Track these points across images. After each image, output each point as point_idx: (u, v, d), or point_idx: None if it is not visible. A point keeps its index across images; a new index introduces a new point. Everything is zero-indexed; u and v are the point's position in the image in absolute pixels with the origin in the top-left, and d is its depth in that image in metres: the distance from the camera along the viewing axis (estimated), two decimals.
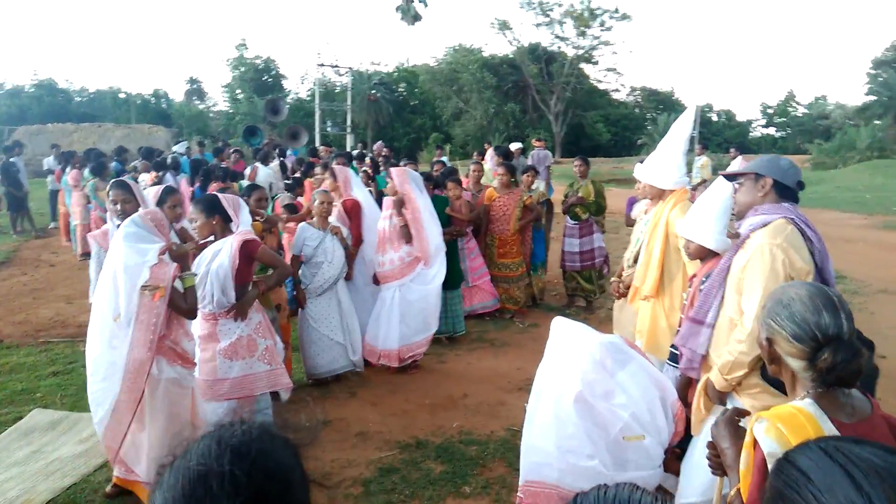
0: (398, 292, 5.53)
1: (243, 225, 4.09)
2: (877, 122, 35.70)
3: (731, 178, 2.89)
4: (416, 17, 51.18)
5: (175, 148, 15.32)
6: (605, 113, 44.25)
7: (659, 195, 3.80)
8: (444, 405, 4.99)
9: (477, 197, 6.97)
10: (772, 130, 51.27)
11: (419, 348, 5.63)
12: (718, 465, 1.67)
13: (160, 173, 9.44)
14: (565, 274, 7.48)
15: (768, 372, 2.43)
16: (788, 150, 43.25)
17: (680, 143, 3.91)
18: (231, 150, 12.71)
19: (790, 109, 51.16)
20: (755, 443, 1.45)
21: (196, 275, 3.66)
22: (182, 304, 3.41)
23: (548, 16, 40.25)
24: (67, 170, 11.26)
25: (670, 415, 3.10)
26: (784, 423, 1.44)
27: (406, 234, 5.44)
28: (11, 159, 12.54)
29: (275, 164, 11.68)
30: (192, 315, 3.53)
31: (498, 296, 7.02)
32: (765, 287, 2.47)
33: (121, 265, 3.34)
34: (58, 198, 12.30)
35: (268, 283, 4.15)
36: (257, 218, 4.92)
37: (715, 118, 50.70)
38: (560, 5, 39.77)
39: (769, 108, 52.75)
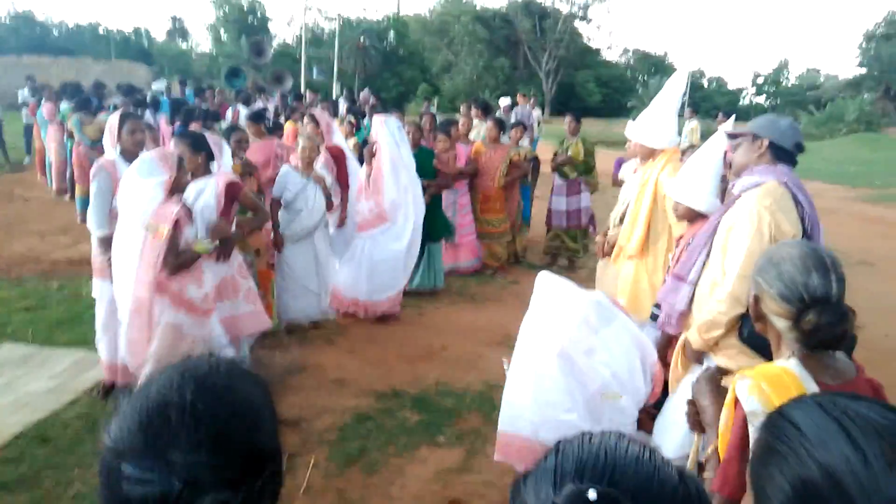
0: (368, 244, 5.46)
1: (224, 167, 4.00)
2: (866, 95, 35.78)
3: (732, 136, 2.83)
4: None
5: (154, 86, 14.90)
6: (596, 73, 43.79)
7: (649, 154, 3.74)
8: (423, 357, 4.99)
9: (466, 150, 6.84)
10: (762, 99, 51.17)
11: (382, 305, 5.55)
12: (697, 423, 1.66)
13: (139, 111, 9.17)
14: (549, 232, 7.44)
15: (753, 330, 2.45)
16: None
17: (672, 103, 3.84)
18: (216, 91, 12.38)
19: (782, 79, 51.04)
20: (736, 401, 1.43)
21: (213, 246, 3.64)
22: (171, 258, 3.39)
23: None
24: (42, 103, 10.89)
25: (648, 375, 3.11)
26: (768, 381, 1.42)
27: (370, 185, 5.37)
28: None
29: (257, 105, 11.43)
30: (171, 271, 3.44)
31: (481, 255, 6.97)
32: (748, 248, 2.45)
33: (129, 202, 3.44)
34: (33, 132, 11.93)
35: (250, 225, 4.12)
36: (236, 160, 4.80)
37: (706, 84, 50.46)
38: None
39: (760, 76, 52.59)
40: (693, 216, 3.28)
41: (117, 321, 3.87)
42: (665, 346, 3.25)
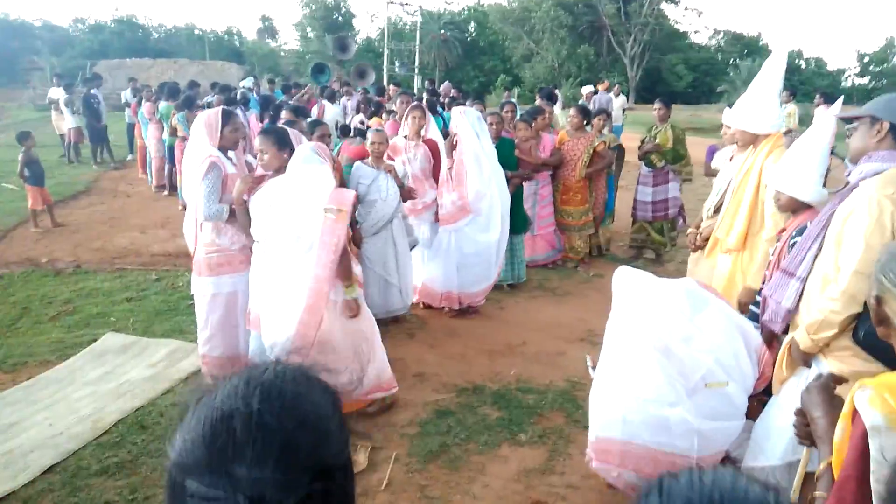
0: (454, 237, 5.41)
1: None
2: None
3: (847, 121, 2.58)
4: None
5: (242, 83, 15.43)
6: (684, 57, 42.03)
7: (751, 141, 3.49)
8: (503, 352, 4.91)
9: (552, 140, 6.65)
10: (865, 81, 47.66)
11: (476, 297, 5.53)
12: (807, 435, 1.50)
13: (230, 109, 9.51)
14: (634, 224, 7.18)
15: (871, 331, 2.22)
16: None
17: (773, 86, 3.57)
18: (305, 88, 12.67)
19: (888, 59, 47.33)
20: (855, 414, 1.27)
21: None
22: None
23: None
24: (143, 103, 11.48)
25: (755, 358, 2.92)
26: (892, 393, 1.26)
27: (453, 177, 5.30)
28: (92, 91, 12.87)
29: (344, 101, 11.63)
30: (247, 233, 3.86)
31: (558, 246, 6.81)
32: (867, 242, 2.24)
33: (302, 189, 3.58)
34: (134, 131, 12.62)
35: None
36: None
37: (804, 66, 47.52)
38: None
39: (865, 56, 48.97)
40: (797, 207, 3.05)
41: (236, 315, 4.10)
42: (767, 345, 3.04)
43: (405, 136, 5.45)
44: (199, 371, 4.36)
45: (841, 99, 3.10)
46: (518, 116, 6.70)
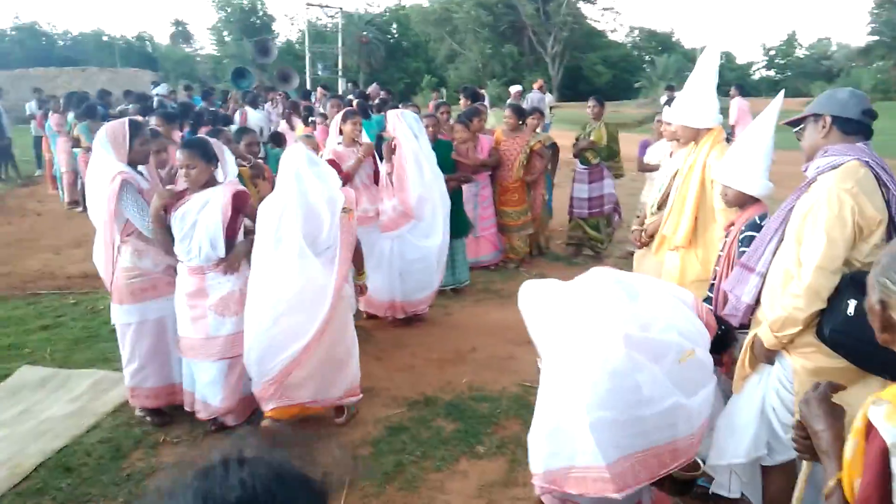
0: (395, 245, 5.24)
1: (230, 174, 3.76)
2: (879, 62, 35.05)
3: (794, 124, 2.59)
4: None
5: (155, 91, 14.71)
6: (603, 55, 43.17)
7: (693, 136, 3.49)
8: (452, 360, 4.78)
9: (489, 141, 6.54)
10: (773, 73, 50.27)
11: (420, 304, 5.39)
12: (808, 449, 1.43)
13: (146, 118, 9.00)
14: (571, 221, 7.20)
15: (837, 327, 2.22)
16: (788, 92, 42.47)
17: (710, 81, 3.57)
18: (229, 96, 12.15)
19: (792, 51, 50.08)
20: (869, 429, 1.20)
21: None
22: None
23: None
24: (49, 114, 10.76)
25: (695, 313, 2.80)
26: None
27: (393, 183, 5.15)
28: None
29: (268, 107, 11.24)
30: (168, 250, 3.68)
31: (500, 248, 6.74)
32: (829, 236, 2.23)
33: (318, 194, 3.58)
34: (42, 144, 11.81)
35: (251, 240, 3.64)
36: (244, 164, 4.59)
37: None
38: None
39: (770, 49, 51.66)
40: (744, 201, 3.04)
41: (167, 342, 3.84)
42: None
43: (339, 143, 5.23)
44: (126, 403, 4.03)
45: (782, 93, 3.10)
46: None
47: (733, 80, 39.29)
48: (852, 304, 2.19)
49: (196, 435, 3.78)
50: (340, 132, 5.19)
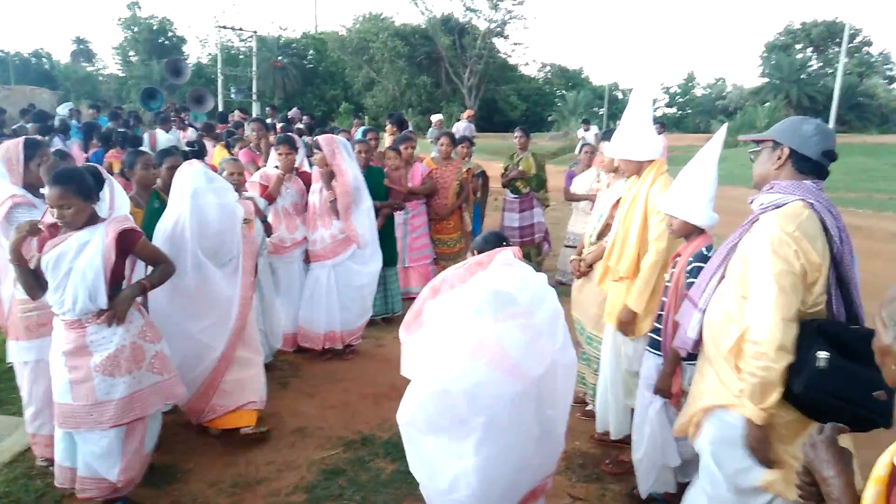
0: (333, 273, 5.03)
1: (118, 209, 3.22)
2: (767, 103, 37.78)
3: (754, 142, 2.54)
4: None
5: (59, 110, 13.82)
6: (517, 88, 44.46)
7: (635, 170, 3.49)
8: (389, 395, 4.56)
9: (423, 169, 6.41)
10: (674, 110, 53.32)
11: (358, 332, 5.24)
12: (814, 496, 1.36)
13: (46, 137, 8.36)
14: None
15: (812, 382, 2.08)
16: (689, 128, 45.14)
17: (646, 114, 3.60)
18: (138, 117, 11.48)
19: (690, 90, 53.35)
20: (894, 475, 1.14)
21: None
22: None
23: None
24: None
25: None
26: None
27: (336, 210, 4.95)
28: None
29: (178, 134, 10.72)
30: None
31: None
32: (778, 285, 2.14)
33: (213, 205, 3.61)
34: None
35: (152, 281, 3.19)
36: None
37: (621, 96, 52.13)
38: None
39: (670, 88, 54.83)
40: (690, 231, 3.05)
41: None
42: (669, 374, 3.00)
43: (275, 167, 5.03)
44: (27, 451, 3.59)
45: (725, 126, 3.15)
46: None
47: None
48: (822, 356, 2.07)
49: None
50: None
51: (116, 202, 3.26)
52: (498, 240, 2.78)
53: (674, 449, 3.14)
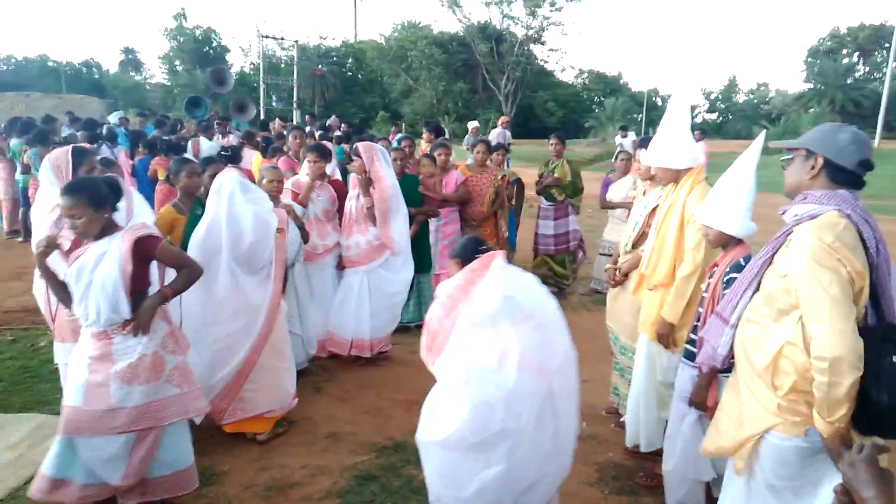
0: (366, 279, 5.09)
1: (137, 217, 3.30)
2: (812, 109, 36.89)
3: (786, 150, 2.46)
4: None
5: (109, 118, 14.29)
6: (554, 94, 44.31)
7: (672, 178, 3.46)
8: (421, 401, 4.45)
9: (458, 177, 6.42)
10: (714, 116, 52.42)
11: (387, 340, 5.28)
12: None
13: (94, 145, 8.64)
14: (536, 258, 7.16)
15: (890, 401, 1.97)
16: (730, 134, 44.31)
17: (684, 122, 3.56)
18: (183, 125, 11.77)
19: (732, 95, 52.37)
20: None
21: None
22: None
23: None
24: None
25: None
26: None
27: (373, 216, 5.01)
28: None
29: (220, 140, 10.95)
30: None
31: None
32: (830, 295, 2.03)
33: (248, 214, 3.73)
34: None
35: (175, 287, 3.13)
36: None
37: (660, 103, 51.48)
38: None
39: (711, 94, 53.93)
40: (726, 241, 3.00)
41: None
42: (705, 386, 2.95)
43: (306, 175, 5.09)
44: None
45: (764, 133, 3.09)
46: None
47: None
48: None
49: None
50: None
51: (135, 211, 3.35)
52: (477, 244, 2.85)
53: (707, 463, 3.09)
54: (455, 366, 2.49)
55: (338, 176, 5.48)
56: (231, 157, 6.64)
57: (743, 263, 2.89)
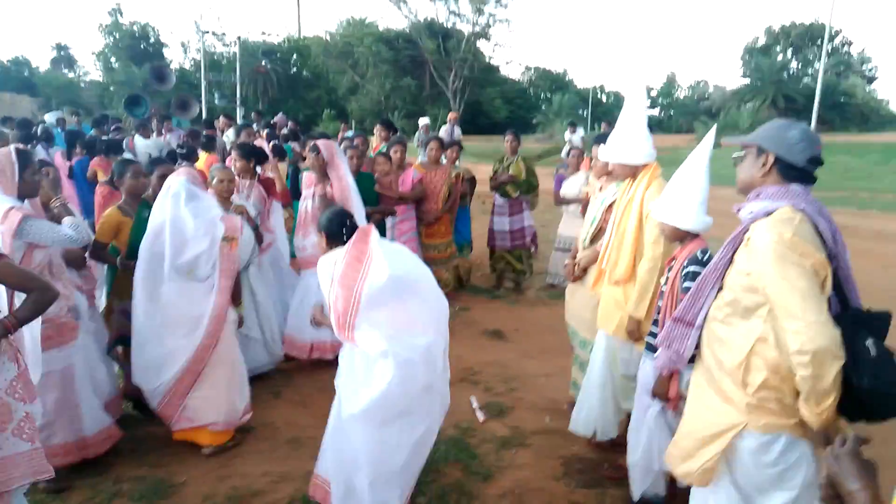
0: None
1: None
2: (748, 104, 38.12)
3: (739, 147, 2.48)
4: None
5: (46, 117, 13.65)
6: (501, 91, 44.61)
7: (630, 173, 3.50)
8: None
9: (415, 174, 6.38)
10: (656, 112, 53.71)
11: None
12: None
13: (29, 146, 8.23)
14: (493, 254, 7.19)
15: (868, 386, 1.96)
16: (672, 129, 45.48)
17: (641, 118, 3.59)
18: (143, 122, 11.23)
19: (673, 92, 53.78)
20: None
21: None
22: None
23: None
24: None
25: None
26: None
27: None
28: None
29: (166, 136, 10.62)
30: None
31: None
32: (798, 289, 2.02)
33: (190, 222, 3.57)
34: None
35: (19, 315, 2.46)
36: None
37: (605, 99, 52.49)
38: None
39: (652, 90, 55.24)
40: (682, 236, 3.05)
41: (75, 392, 3.43)
42: (668, 377, 3.00)
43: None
44: None
45: (714, 128, 3.14)
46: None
47: None
48: (869, 344, 1.98)
49: (99, 502, 3.35)
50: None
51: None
52: (342, 219, 3.12)
53: None
54: (374, 336, 2.80)
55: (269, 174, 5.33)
56: (186, 155, 6.43)
57: (700, 256, 2.94)
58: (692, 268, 2.93)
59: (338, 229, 3.07)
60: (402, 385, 2.75)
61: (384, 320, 2.80)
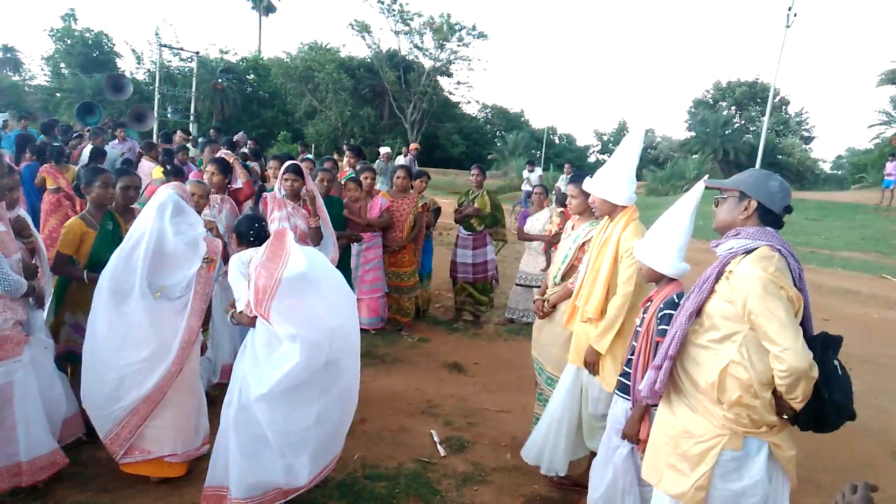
0: None
1: None
2: (694, 156, 39.66)
3: (719, 189, 2.65)
4: (270, 9, 49.18)
5: None
6: (458, 126, 45.17)
7: (608, 211, 3.55)
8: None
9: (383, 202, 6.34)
10: (606, 157, 55.36)
11: None
12: None
13: None
14: (455, 285, 7.18)
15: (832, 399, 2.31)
16: None
17: (632, 160, 3.62)
18: (98, 129, 10.83)
19: (621, 137, 55.48)
20: None
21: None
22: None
23: (408, 25, 40.23)
24: None
25: None
26: None
27: (317, 236, 4.81)
28: None
29: (117, 146, 10.31)
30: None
31: (382, 315, 6.47)
32: (778, 318, 2.26)
33: (170, 239, 3.38)
34: None
35: None
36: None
37: (557, 140, 53.79)
38: (420, 15, 40.04)
39: (603, 135, 57.02)
40: (659, 278, 3.10)
41: (12, 412, 3.18)
42: (640, 418, 3.01)
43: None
44: None
45: (705, 178, 3.22)
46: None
47: (572, 160, 42.76)
48: (836, 364, 2.30)
49: None
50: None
51: None
52: (251, 223, 3.57)
53: (636, 496, 3.14)
54: (285, 320, 3.02)
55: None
56: (175, 171, 6.25)
57: (676, 301, 2.98)
58: (668, 311, 2.97)
59: (246, 230, 3.55)
60: (307, 361, 3.00)
61: (298, 308, 3.05)
